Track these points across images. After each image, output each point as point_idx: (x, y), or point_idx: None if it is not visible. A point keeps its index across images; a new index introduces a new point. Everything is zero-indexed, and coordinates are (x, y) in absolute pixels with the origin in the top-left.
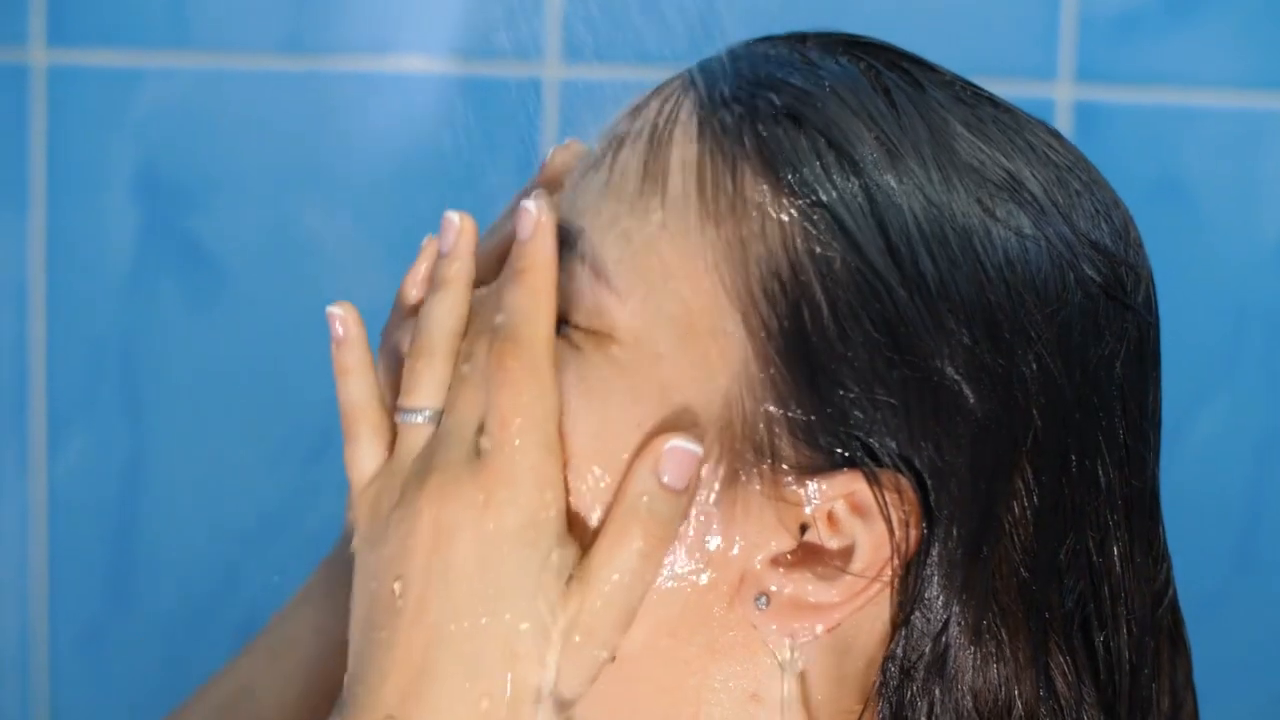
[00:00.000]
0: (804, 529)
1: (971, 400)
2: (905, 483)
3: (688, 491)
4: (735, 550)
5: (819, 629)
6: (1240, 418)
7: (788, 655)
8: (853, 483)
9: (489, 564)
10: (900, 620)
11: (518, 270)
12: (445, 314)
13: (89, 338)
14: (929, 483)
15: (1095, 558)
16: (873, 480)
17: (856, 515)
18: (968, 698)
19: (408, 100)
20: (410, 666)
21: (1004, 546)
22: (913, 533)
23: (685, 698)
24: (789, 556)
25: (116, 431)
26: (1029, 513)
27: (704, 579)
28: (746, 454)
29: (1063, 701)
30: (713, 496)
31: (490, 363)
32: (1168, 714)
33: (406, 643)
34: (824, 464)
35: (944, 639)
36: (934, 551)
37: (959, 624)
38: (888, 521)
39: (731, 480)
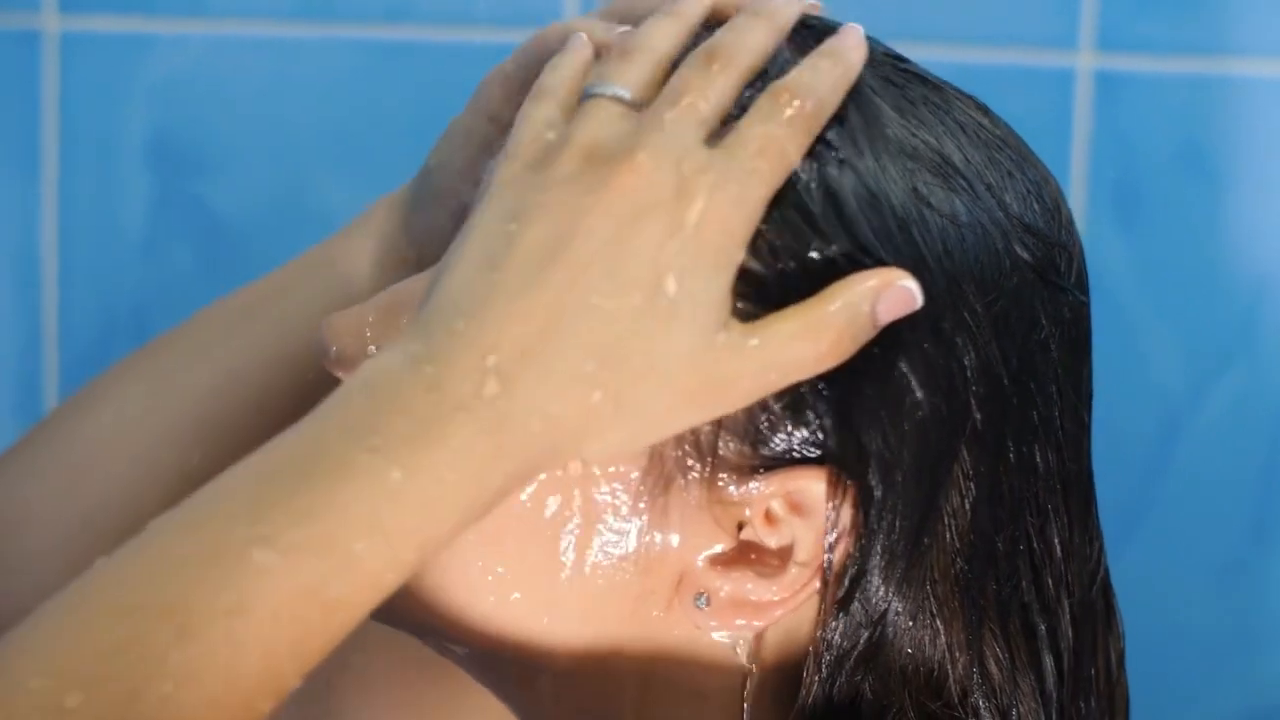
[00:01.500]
0: (741, 527)
1: (917, 394)
2: (844, 478)
3: (875, 330)
4: (673, 552)
5: (759, 626)
6: (1259, 387)
7: (731, 651)
8: (790, 480)
9: (664, 260)
10: (838, 611)
11: (838, 55)
12: (664, 34)
13: (102, 305)
14: (873, 476)
15: (1035, 544)
16: (810, 477)
17: (794, 513)
18: (899, 681)
19: (422, 67)
20: (533, 322)
21: (943, 536)
22: (851, 527)
23: (631, 701)
24: (727, 556)
25: None
26: (968, 502)
27: (642, 583)
28: (682, 456)
29: (996, 686)
30: (648, 500)
31: (772, 107)
32: (1104, 693)
33: (540, 298)
34: (761, 462)
35: (880, 627)
36: (875, 544)
37: (896, 612)
38: (834, 515)
39: (666, 483)
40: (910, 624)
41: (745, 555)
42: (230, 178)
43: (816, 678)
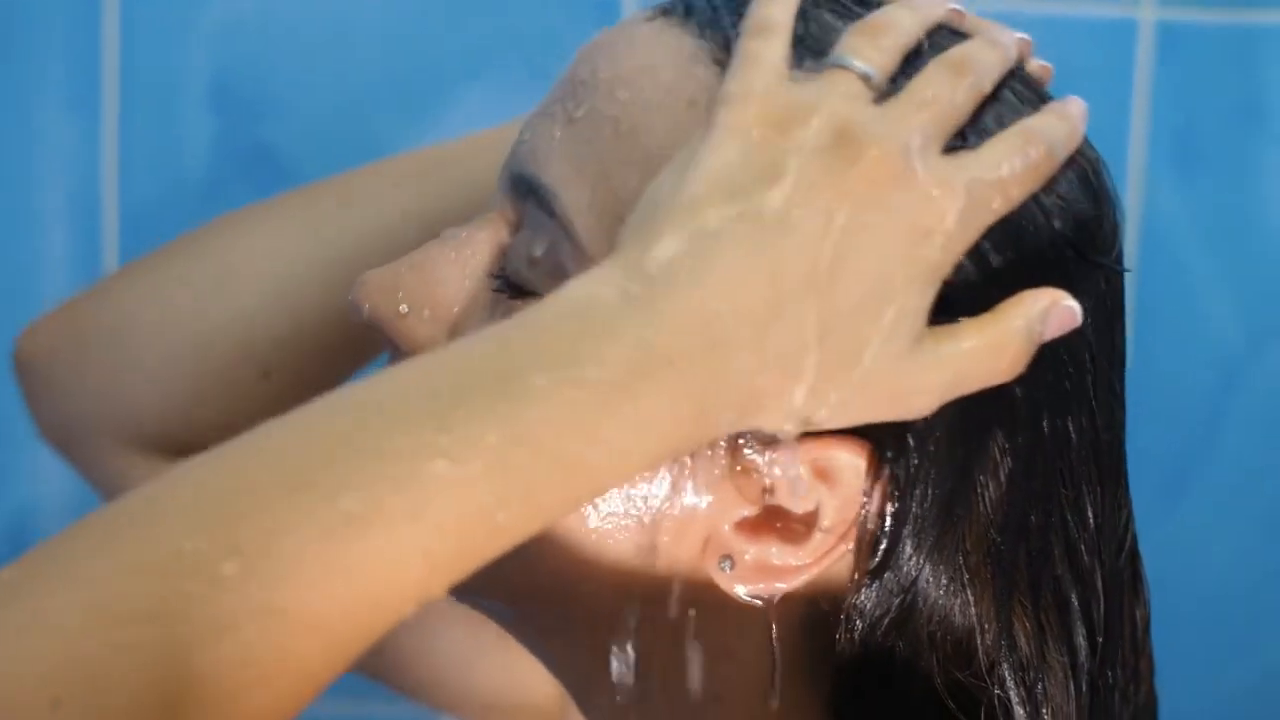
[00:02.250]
0: (767, 493)
1: None
2: (875, 447)
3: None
4: (699, 516)
5: (783, 589)
6: None
7: (761, 614)
8: (816, 448)
9: (895, 263)
10: (869, 579)
11: (1068, 117)
12: (913, 22)
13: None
14: (905, 445)
15: (1068, 515)
16: (837, 445)
17: (821, 480)
18: (928, 649)
19: (485, 9)
20: (760, 292)
21: (975, 507)
22: (879, 495)
23: (660, 659)
24: (753, 521)
25: None
26: (1001, 472)
27: (667, 545)
28: None
29: (1024, 659)
30: (675, 465)
31: (1011, 146)
32: (1129, 662)
33: (773, 268)
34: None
35: (910, 596)
36: (907, 513)
37: (927, 581)
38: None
39: (693, 450)
40: (941, 593)
41: (771, 521)
42: (292, 120)
43: (847, 643)
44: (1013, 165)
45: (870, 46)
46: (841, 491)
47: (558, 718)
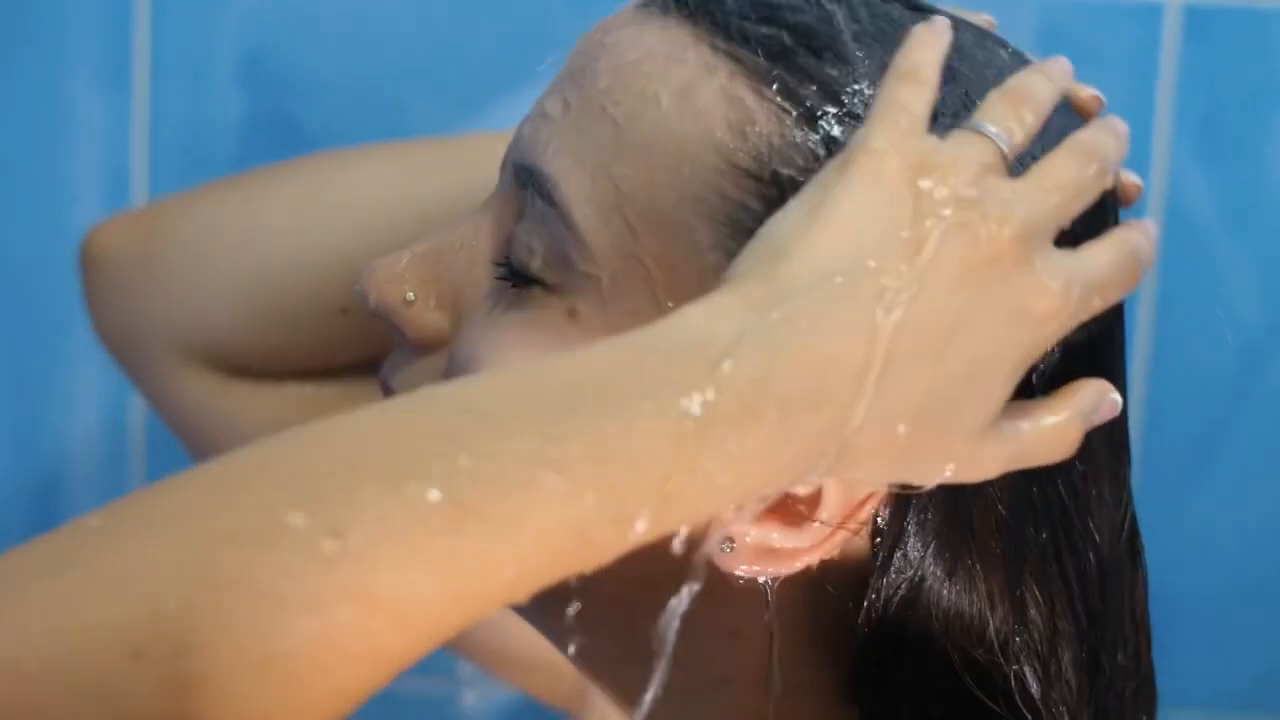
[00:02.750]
0: None
1: None
2: None
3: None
4: None
5: (783, 572)
6: None
7: (764, 595)
8: None
9: (1002, 346)
10: (879, 560)
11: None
12: (1048, 95)
13: None
14: None
15: (1075, 490)
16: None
17: None
18: (940, 628)
19: None
20: (879, 349)
21: (981, 486)
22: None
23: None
24: (756, 503)
25: None
26: None
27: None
28: None
29: (1036, 632)
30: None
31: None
32: (1130, 638)
33: (904, 333)
34: None
35: (919, 575)
36: (914, 494)
37: (935, 560)
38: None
39: None
40: (950, 572)
41: (774, 504)
42: (321, 97)
43: (859, 625)
44: (1116, 272)
45: (1012, 117)
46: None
47: None
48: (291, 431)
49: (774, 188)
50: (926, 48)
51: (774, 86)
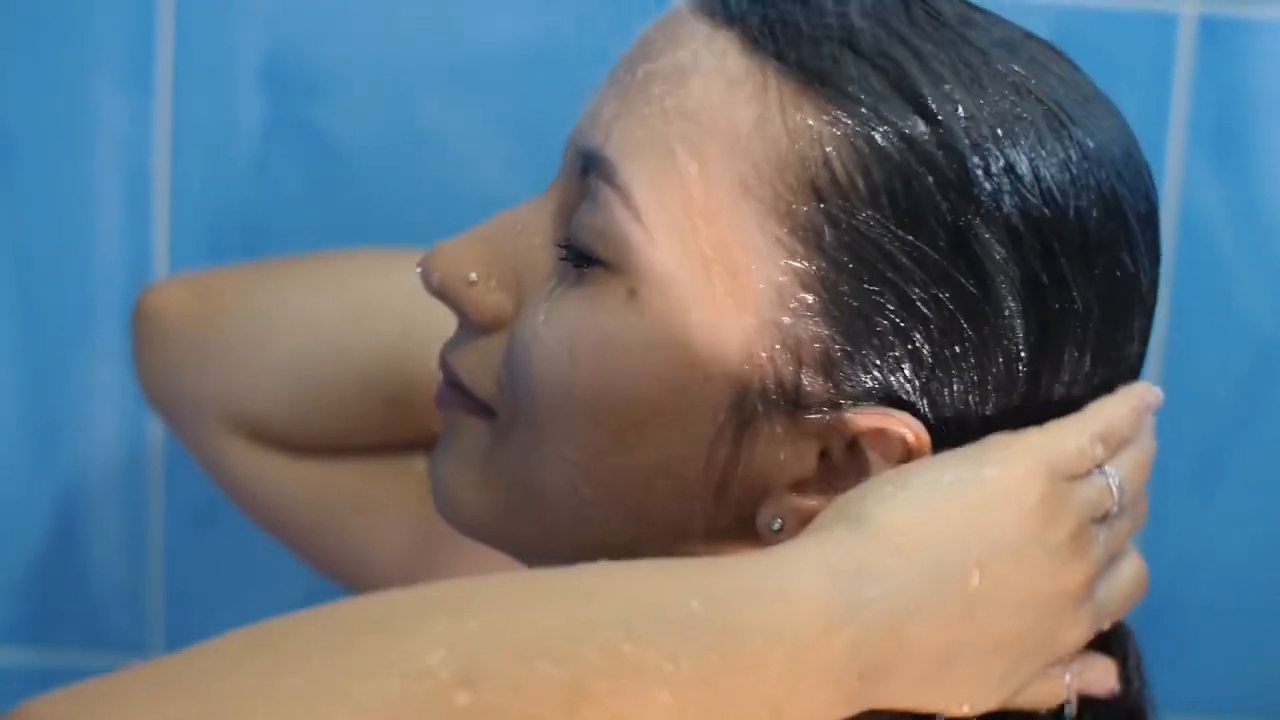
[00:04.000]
0: (822, 456)
1: (1008, 343)
2: (928, 415)
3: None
4: (755, 478)
5: None
6: None
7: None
8: (871, 415)
9: (1036, 640)
10: None
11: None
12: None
13: (212, 226)
14: (951, 415)
15: None
16: (892, 412)
17: (874, 447)
18: None
19: None
20: (939, 643)
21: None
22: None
23: None
24: (806, 483)
25: None
26: None
27: (721, 505)
28: (769, 389)
29: None
30: (733, 431)
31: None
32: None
33: (957, 621)
34: (848, 396)
35: None
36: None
37: None
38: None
39: (754, 415)
40: None
41: (823, 483)
42: (342, 101)
43: None
44: (1127, 603)
45: (1135, 469)
46: (893, 456)
47: None
48: (435, 587)
49: (825, 187)
50: (1130, 411)
51: (828, 93)
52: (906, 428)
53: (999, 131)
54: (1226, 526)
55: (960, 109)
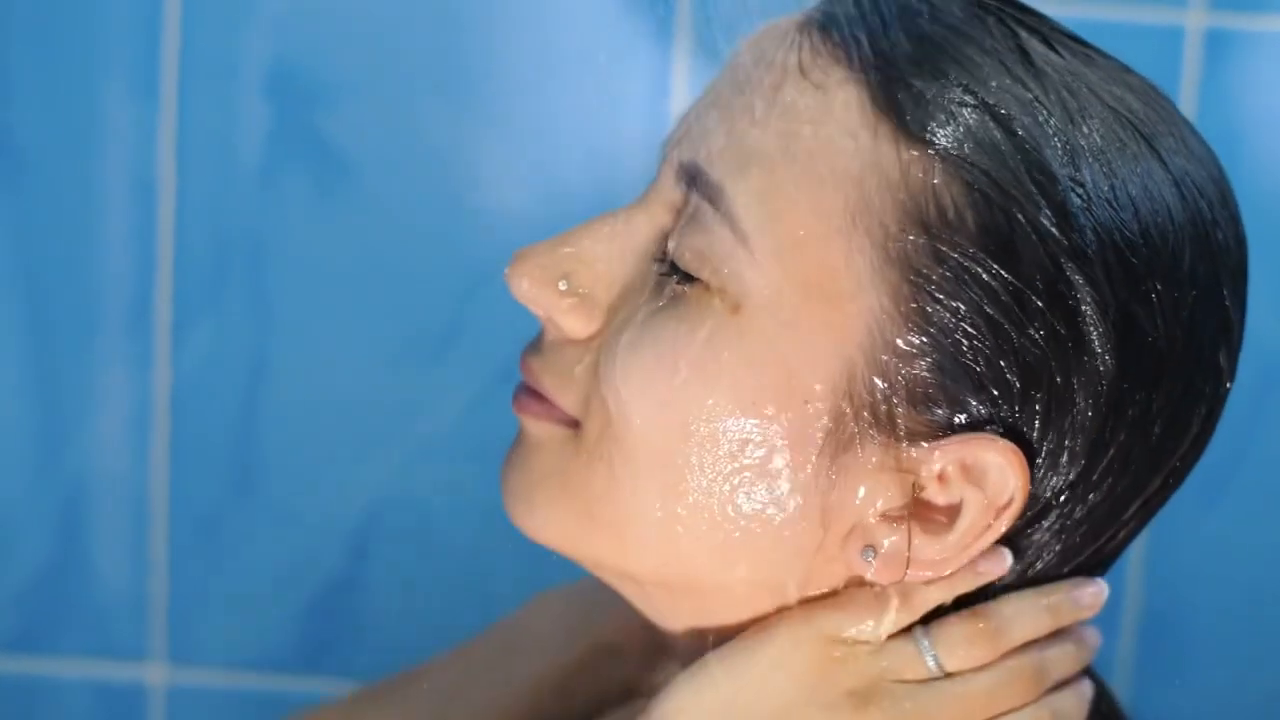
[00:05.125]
0: (915, 485)
1: (1101, 380)
2: (1017, 449)
3: None
4: (848, 508)
5: (922, 582)
6: None
7: (892, 607)
8: (965, 447)
9: None
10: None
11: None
12: (1034, 630)
13: (217, 232)
14: (1046, 450)
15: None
16: (985, 444)
17: (966, 477)
18: None
19: (546, 3)
20: None
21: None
22: (1019, 495)
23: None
24: (898, 513)
25: (241, 325)
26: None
27: (815, 535)
28: (864, 419)
29: None
30: (828, 459)
31: None
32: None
33: None
34: (940, 428)
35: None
36: (1050, 513)
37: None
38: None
39: (848, 444)
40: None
41: (916, 514)
42: (347, 109)
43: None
44: None
45: (963, 648)
46: (987, 489)
47: None
48: None
49: (934, 221)
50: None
51: (939, 134)
52: (997, 453)
53: (1101, 171)
54: (1231, 539)
55: (1063, 146)
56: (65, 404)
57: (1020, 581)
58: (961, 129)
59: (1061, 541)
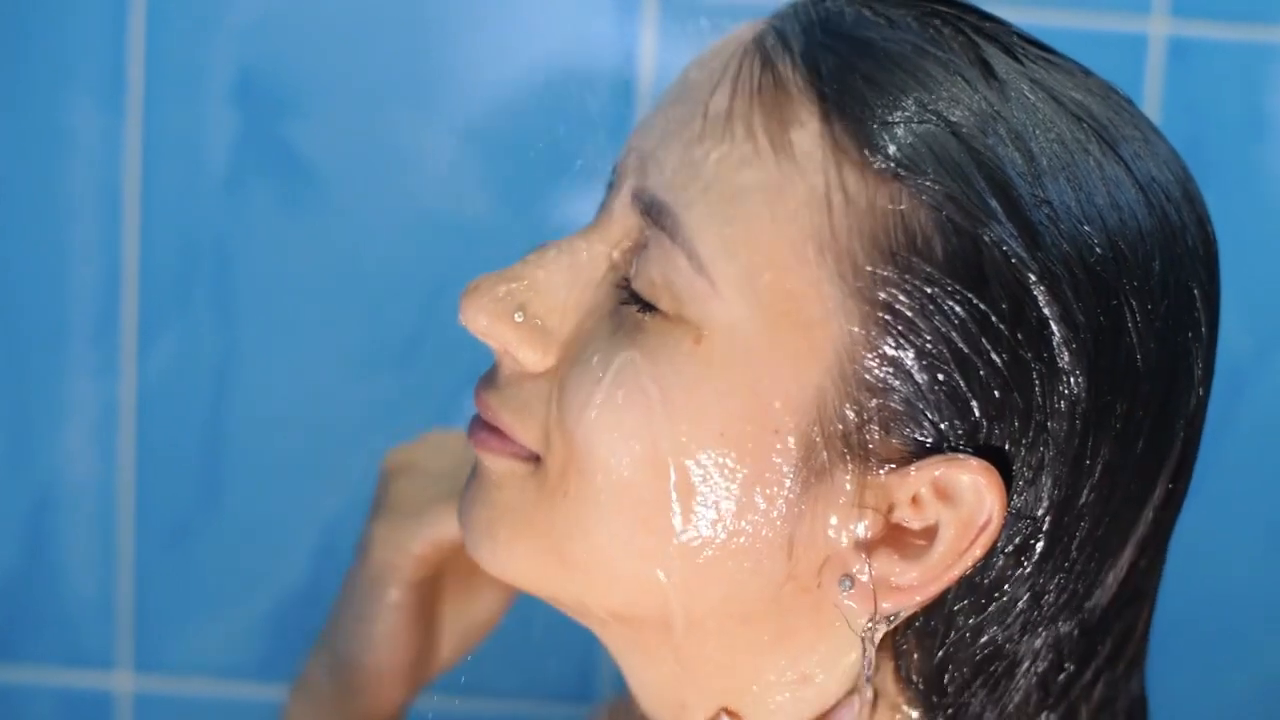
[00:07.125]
0: (890, 510)
1: (1074, 394)
2: (992, 467)
3: None
4: (821, 537)
5: (894, 608)
6: None
7: (867, 634)
8: (938, 468)
9: None
10: (972, 597)
11: None
12: None
13: (182, 241)
14: (1023, 469)
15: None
16: (959, 467)
17: (941, 499)
18: (1028, 660)
19: (511, 12)
20: None
21: (1079, 522)
22: (996, 514)
23: (742, 679)
24: (873, 540)
25: (207, 333)
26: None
27: (788, 567)
28: (836, 447)
29: (1107, 659)
30: (800, 489)
31: None
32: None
33: None
34: (912, 452)
35: (1015, 607)
36: (1040, 535)
37: (1027, 601)
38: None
39: (820, 473)
40: (1046, 600)
41: (890, 539)
42: (314, 118)
43: (950, 646)
44: None
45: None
46: (961, 512)
47: None
48: None
49: (901, 249)
50: None
51: (902, 160)
52: (971, 473)
53: (1067, 184)
54: (1199, 547)
55: (1027, 163)
56: (32, 412)
57: (1033, 622)
58: (923, 150)
59: (1064, 572)
